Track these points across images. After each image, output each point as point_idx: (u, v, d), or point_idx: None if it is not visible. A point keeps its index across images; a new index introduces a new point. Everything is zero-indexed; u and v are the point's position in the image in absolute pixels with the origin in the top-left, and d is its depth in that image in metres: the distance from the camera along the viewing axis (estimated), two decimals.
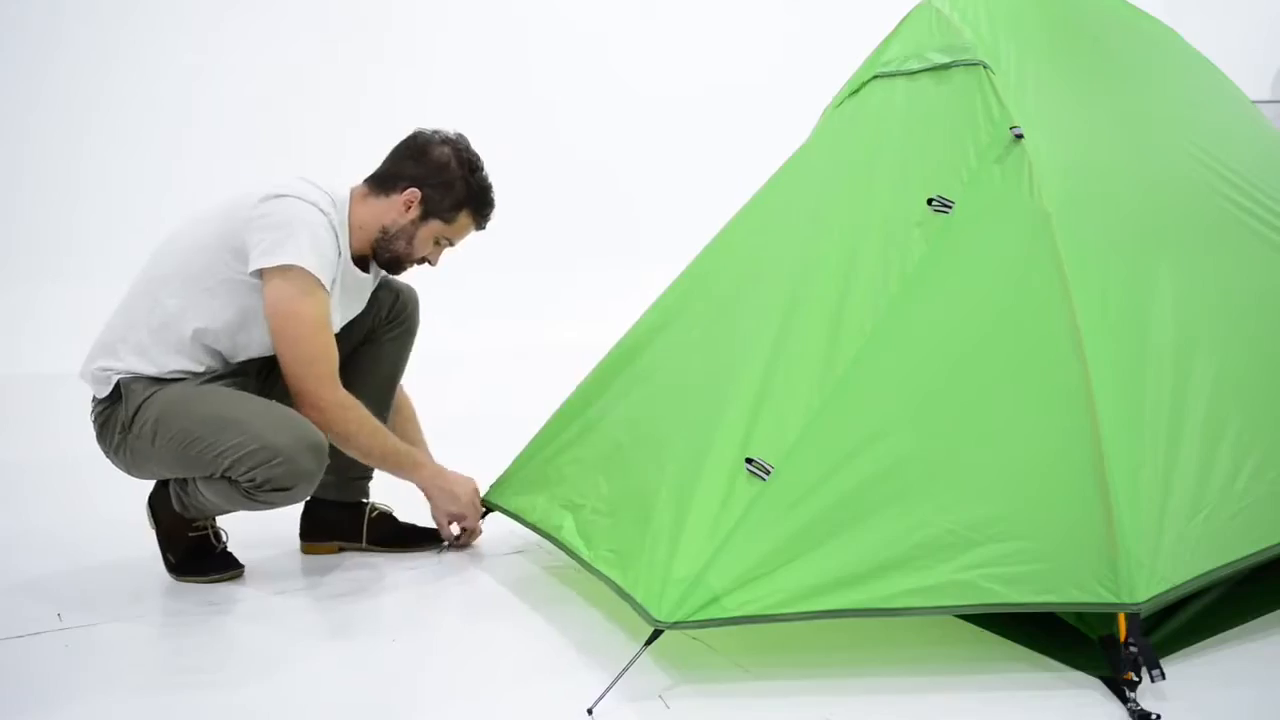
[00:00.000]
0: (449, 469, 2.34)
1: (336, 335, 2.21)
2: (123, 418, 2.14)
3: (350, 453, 2.21)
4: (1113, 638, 1.66)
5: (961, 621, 1.91)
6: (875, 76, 2.20)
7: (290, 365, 2.11)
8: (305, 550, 2.42)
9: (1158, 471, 1.71)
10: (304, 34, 5.60)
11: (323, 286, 2.10)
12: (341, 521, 2.41)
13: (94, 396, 2.22)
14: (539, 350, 4.94)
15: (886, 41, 2.23)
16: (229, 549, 2.30)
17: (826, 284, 1.90)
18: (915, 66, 2.09)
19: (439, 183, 2.22)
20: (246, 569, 2.28)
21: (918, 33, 2.14)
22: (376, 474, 2.42)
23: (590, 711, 1.63)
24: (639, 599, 1.74)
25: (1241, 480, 1.77)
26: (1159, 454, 1.72)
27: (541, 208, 5.26)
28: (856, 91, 2.24)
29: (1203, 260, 1.94)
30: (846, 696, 1.69)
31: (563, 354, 3.19)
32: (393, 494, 2.45)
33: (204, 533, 2.26)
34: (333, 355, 2.14)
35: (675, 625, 1.66)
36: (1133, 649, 1.63)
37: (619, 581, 1.84)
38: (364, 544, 2.41)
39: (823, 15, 6.15)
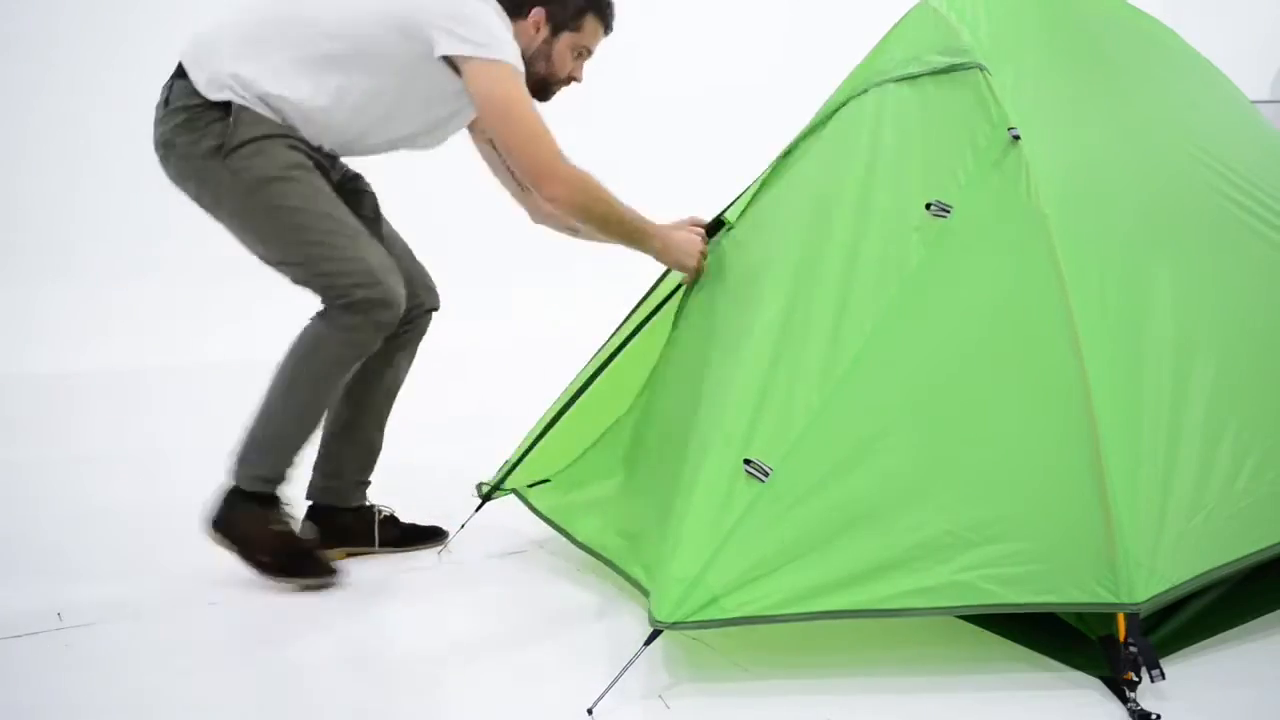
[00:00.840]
0: (669, 231, 2.27)
1: None
2: (225, 141, 2.08)
3: (592, 225, 2.20)
4: (1112, 638, 1.66)
5: (961, 621, 1.91)
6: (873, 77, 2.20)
7: (519, 146, 2.10)
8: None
9: (1157, 471, 1.71)
10: None
11: (517, 69, 2.10)
12: (356, 527, 2.38)
13: (187, 81, 2.13)
14: (539, 349, 4.94)
15: (884, 43, 2.23)
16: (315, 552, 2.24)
17: (826, 287, 1.90)
18: (913, 70, 2.09)
19: None
20: (245, 568, 2.27)
21: (915, 34, 2.13)
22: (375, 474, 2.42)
23: (590, 711, 1.63)
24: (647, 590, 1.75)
25: (1241, 480, 1.77)
26: (1158, 454, 1.72)
27: None
28: (858, 95, 2.24)
29: (1202, 260, 1.94)
30: (846, 696, 1.70)
31: (562, 352, 3.19)
32: (390, 495, 2.45)
33: (286, 528, 2.20)
34: (548, 130, 2.12)
35: (674, 625, 1.66)
36: (1133, 649, 1.63)
37: (644, 583, 1.86)
38: (376, 546, 2.40)
39: (823, 15, 6.15)
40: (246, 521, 2.17)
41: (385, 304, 2.10)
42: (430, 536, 2.45)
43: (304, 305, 2.19)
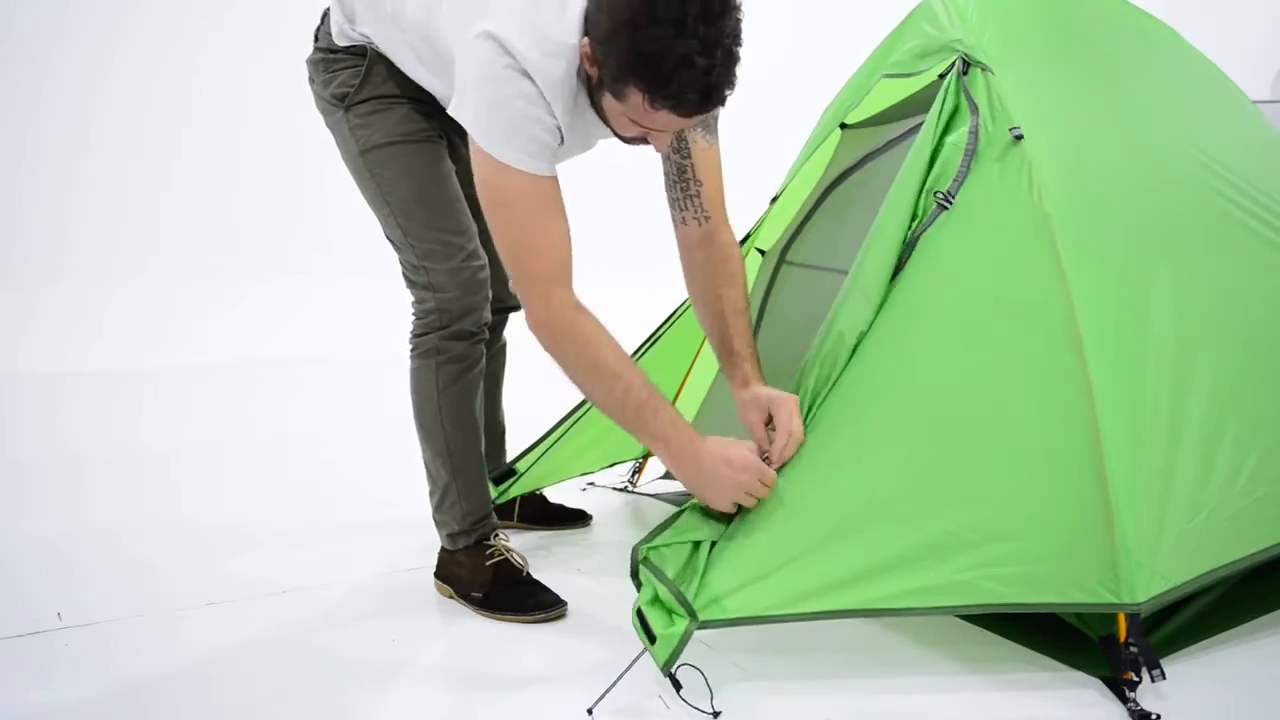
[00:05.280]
0: (709, 442, 1.73)
1: None
2: (353, 91, 1.98)
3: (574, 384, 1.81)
4: (1113, 638, 1.66)
5: (961, 621, 1.91)
6: (878, 77, 2.20)
7: (504, 253, 1.79)
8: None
9: (1157, 471, 1.71)
10: (304, 33, 5.60)
11: (523, 172, 1.71)
12: (497, 507, 2.31)
13: (328, 24, 2.03)
14: (544, 351, 4.94)
15: (887, 42, 2.23)
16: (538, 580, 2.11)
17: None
18: (915, 69, 2.09)
19: (606, 32, 1.60)
20: (244, 566, 2.27)
21: (917, 34, 2.14)
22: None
23: (590, 712, 1.63)
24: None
25: (1241, 480, 1.77)
26: (1159, 454, 1.72)
27: None
28: (862, 94, 2.25)
29: (1203, 261, 1.94)
30: (846, 696, 1.69)
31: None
32: (399, 497, 2.45)
33: (501, 557, 2.09)
34: (549, 247, 1.73)
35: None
36: (1133, 649, 1.63)
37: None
38: (515, 520, 2.48)
39: (823, 14, 6.14)
40: (467, 556, 2.10)
41: (450, 320, 2.01)
42: (574, 519, 2.51)
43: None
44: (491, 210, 1.76)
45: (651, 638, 1.64)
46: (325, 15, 2.08)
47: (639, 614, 1.67)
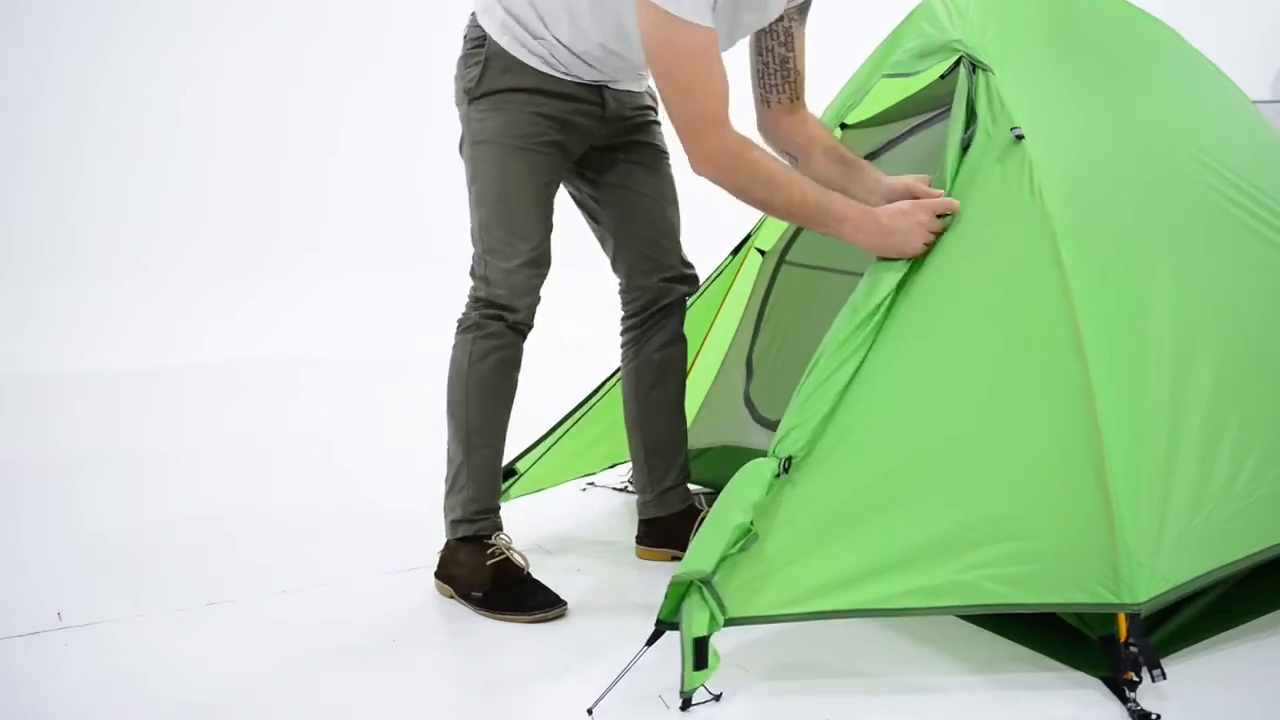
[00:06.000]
0: (874, 209, 1.91)
1: None
2: (474, 84, 2.04)
3: (753, 207, 1.96)
4: (1113, 638, 1.66)
5: (961, 621, 1.91)
6: (878, 77, 2.20)
7: (668, 100, 1.91)
8: (640, 555, 2.35)
9: (1158, 471, 1.71)
10: (303, 33, 5.60)
11: (690, 22, 1.83)
12: (679, 528, 2.29)
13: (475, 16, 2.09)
14: (543, 351, 4.94)
15: (887, 42, 2.23)
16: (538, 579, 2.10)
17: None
18: (915, 68, 2.09)
19: None
20: (243, 566, 2.27)
21: (917, 34, 2.14)
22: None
23: (590, 711, 1.63)
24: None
25: (1241, 480, 1.77)
26: (1159, 454, 1.72)
27: None
28: (862, 94, 2.25)
29: (1203, 260, 1.93)
30: (847, 696, 1.70)
31: (565, 355, 3.20)
32: (399, 504, 2.45)
33: (502, 557, 2.09)
34: (713, 91, 1.88)
35: (676, 626, 1.66)
36: (1133, 649, 1.63)
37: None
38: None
39: (823, 14, 6.14)
40: (467, 554, 2.10)
41: (494, 306, 2.07)
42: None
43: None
44: (660, 65, 1.87)
45: (699, 664, 1.62)
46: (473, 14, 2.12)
47: (698, 641, 1.63)
